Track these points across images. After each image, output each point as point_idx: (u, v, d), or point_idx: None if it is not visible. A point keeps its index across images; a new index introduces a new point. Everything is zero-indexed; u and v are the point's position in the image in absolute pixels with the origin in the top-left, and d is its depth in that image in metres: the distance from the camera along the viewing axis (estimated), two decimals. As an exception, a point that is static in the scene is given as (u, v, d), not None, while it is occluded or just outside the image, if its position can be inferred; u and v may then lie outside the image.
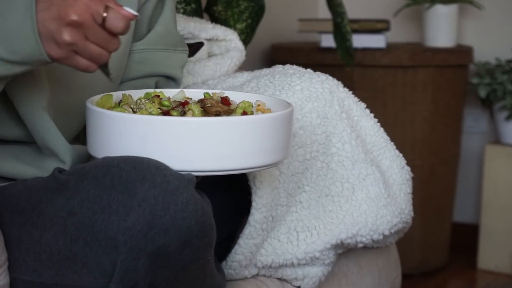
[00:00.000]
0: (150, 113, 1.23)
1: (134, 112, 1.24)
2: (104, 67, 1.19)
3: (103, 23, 1.13)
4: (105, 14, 1.12)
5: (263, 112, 1.28)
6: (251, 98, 1.33)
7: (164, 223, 1.13)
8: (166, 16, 1.48)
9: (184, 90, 1.35)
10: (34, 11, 1.13)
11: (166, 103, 1.27)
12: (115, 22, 1.13)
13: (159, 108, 1.25)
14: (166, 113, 1.24)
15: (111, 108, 1.26)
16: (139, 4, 1.46)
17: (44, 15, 1.12)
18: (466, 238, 3.22)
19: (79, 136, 1.44)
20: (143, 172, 1.14)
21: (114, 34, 1.14)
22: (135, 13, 1.15)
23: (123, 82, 1.50)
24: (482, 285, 2.98)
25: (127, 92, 1.32)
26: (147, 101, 1.26)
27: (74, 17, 1.11)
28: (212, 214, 1.20)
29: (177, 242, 1.14)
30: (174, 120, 1.17)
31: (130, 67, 1.49)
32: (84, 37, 1.13)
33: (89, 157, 1.33)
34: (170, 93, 1.34)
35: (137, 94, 1.32)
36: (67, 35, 1.12)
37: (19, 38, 1.14)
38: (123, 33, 1.14)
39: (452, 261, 3.14)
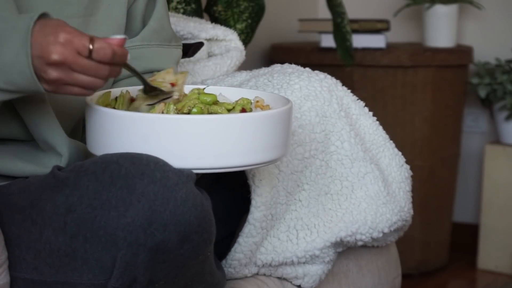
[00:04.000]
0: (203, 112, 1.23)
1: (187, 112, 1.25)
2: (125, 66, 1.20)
3: (90, 55, 1.13)
4: (91, 46, 1.13)
5: (262, 109, 1.29)
6: (250, 94, 1.33)
7: (164, 219, 1.13)
8: (159, 11, 1.49)
9: None
10: (29, 47, 1.13)
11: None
12: (102, 52, 1.13)
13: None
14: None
15: (109, 105, 1.26)
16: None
17: (33, 52, 1.13)
18: (466, 238, 3.21)
19: (77, 135, 1.44)
20: (142, 167, 1.15)
21: (105, 63, 1.14)
22: (122, 37, 1.15)
23: (119, 80, 1.50)
24: (482, 285, 2.98)
25: (125, 88, 1.32)
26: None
27: (55, 56, 1.12)
28: (211, 210, 1.20)
29: (176, 237, 1.14)
30: (173, 118, 1.17)
31: None
32: (70, 71, 1.14)
33: (87, 154, 1.34)
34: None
35: (135, 90, 1.32)
36: (51, 73, 1.13)
37: (15, 72, 1.14)
38: (114, 60, 1.14)
39: (452, 261, 3.14)
